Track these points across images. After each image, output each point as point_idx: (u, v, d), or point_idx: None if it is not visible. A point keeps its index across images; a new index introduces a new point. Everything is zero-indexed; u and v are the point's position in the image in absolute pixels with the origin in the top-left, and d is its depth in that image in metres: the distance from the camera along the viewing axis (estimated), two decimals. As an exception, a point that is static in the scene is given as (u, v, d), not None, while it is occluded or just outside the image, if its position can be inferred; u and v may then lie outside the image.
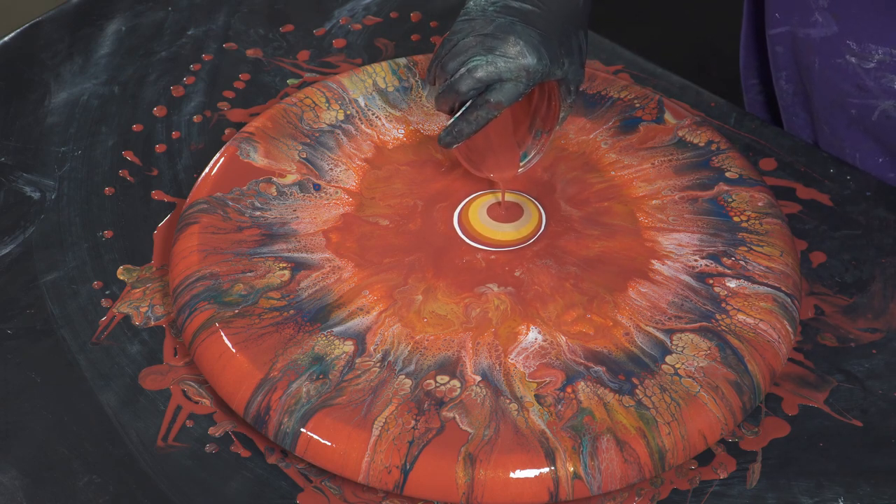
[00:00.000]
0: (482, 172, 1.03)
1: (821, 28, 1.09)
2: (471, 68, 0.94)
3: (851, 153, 1.16)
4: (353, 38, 1.22)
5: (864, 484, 0.90)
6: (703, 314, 0.96)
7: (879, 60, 1.07)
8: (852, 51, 1.07)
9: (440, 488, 0.87)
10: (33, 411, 0.93)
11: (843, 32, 1.08)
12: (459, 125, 0.96)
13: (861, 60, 1.07)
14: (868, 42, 1.06)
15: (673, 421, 0.90)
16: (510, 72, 0.94)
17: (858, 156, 1.16)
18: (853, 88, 1.10)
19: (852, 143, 1.15)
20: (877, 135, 1.13)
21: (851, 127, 1.14)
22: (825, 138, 1.18)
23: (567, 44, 0.97)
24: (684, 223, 1.03)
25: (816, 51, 1.12)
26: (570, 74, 0.97)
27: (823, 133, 1.17)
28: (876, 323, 1.00)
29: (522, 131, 1.03)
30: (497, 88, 0.94)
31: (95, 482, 0.89)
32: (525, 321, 0.96)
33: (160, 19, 1.24)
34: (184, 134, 1.13)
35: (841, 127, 1.15)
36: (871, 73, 1.07)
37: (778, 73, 1.20)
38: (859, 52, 1.06)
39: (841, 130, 1.15)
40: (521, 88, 0.94)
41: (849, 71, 1.10)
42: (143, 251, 1.04)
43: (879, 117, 1.11)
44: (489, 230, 1.02)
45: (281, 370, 0.92)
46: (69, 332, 0.98)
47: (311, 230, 1.02)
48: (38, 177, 1.09)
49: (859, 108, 1.12)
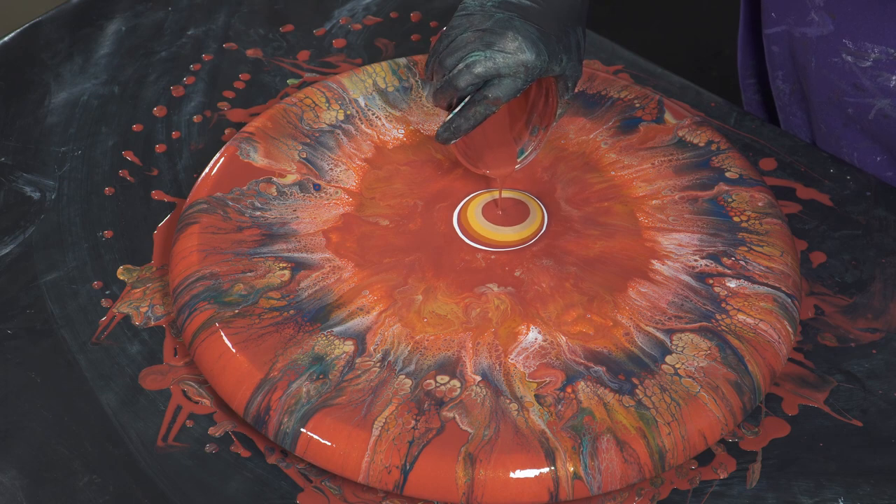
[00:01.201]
0: (479, 169, 1.03)
1: (817, 27, 1.09)
2: (469, 64, 0.94)
3: (849, 152, 1.16)
4: (353, 38, 1.22)
5: (864, 484, 0.90)
6: (703, 314, 0.96)
7: (875, 59, 1.07)
8: (848, 49, 1.07)
9: (440, 488, 0.87)
10: (33, 411, 0.93)
11: (839, 31, 1.08)
12: (457, 121, 0.96)
13: (857, 59, 1.07)
14: (864, 41, 1.06)
15: (673, 421, 0.90)
16: (508, 67, 0.94)
17: (856, 154, 1.16)
18: (850, 87, 1.10)
19: (849, 142, 1.15)
20: (874, 133, 1.13)
21: (848, 126, 1.14)
22: (822, 137, 1.18)
23: (565, 40, 0.97)
24: (684, 223, 1.03)
25: (813, 50, 1.12)
26: (567, 71, 0.97)
27: (821, 132, 1.17)
28: (876, 323, 1.00)
29: (519, 127, 1.03)
30: (495, 84, 0.94)
31: (95, 482, 0.89)
32: (525, 321, 0.96)
33: (160, 19, 1.24)
34: (184, 134, 1.13)
35: (838, 126, 1.15)
36: (867, 71, 1.07)
37: (774, 73, 1.20)
38: (855, 50, 1.06)
39: (838, 129, 1.15)
40: (520, 84, 0.94)
41: (845, 70, 1.10)
42: (143, 251, 1.04)
43: (876, 116, 1.11)
44: (489, 231, 1.02)
45: (281, 370, 0.92)
46: (69, 332, 0.98)
47: (311, 230, 1.02)
48: (38, 177, 1.09)
49: (856, 106, 1.12)
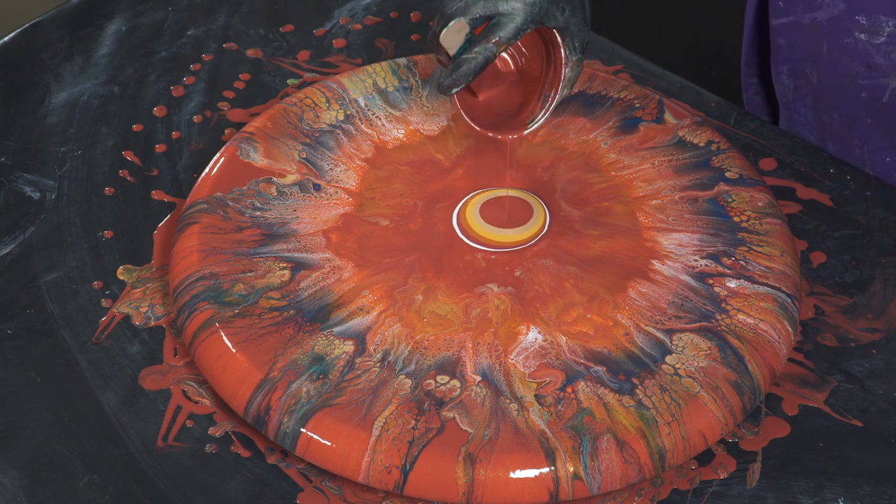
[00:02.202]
0: (486, 131, 1.00)
1: (827, 9, 1.08)
2: (468, 2, 0.94)
3: (860, 144, 1.15)
4: (353, 38, 1.22)
5: (864, 484, 0.90)
6: (703, 314, 0.96)
7: (890, 34, 1.06)
8: (862, 27, 1.07)
9: (440, 488, 0.87)
10: (33, 411, 0.93)
11: (851, 8, 1.08)
12: (459, 64, 0.94)
13: (871, 36, 1.06)
14: (878, 14, 1.06)
15: (673, 421, 0.90)
16: (508, 4, 0.94)
17: (867, 149, 1.15)
18: (863, 68, 1.09)
19: (861, 134, 1.14)
20: (888, 124, 1.12)
21: (861, 115, 1.13)
22: (831, 131, 1.17)
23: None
24: (684, 223, 1.03)
25: (824, 34, 1.11)
26: (572, 26, 0.97)
27: (830, 126, 1.17)
28: (876, 323, 1.00)
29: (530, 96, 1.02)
30: (496, 24, 0.94)
31: (95, 482, 0.89)
32: (525, 321, 0.96)
33: (160, 19, 1.24)
34: (184, 134, 1.13)
35: (849, 117, 1.14)
36: (881, 48, 1.07)
37: (779, 68, 1.19)
38: (869, 26, 1.06)
39: (849, 121, 1.14)
40: (520, 23, 0.94)
41: (858, 49, 1.09)
42: (143, 251, 1.04)
43: (891, 98, 1.10)
44: (489, 232, 1.02)
45: (281, 370, 0.92)
46: (69, 332, 0.98)
47: (311, 230, 1.02)
48: (38, 177, 1.09)
49: (869, 89, 1.11)
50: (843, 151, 1.17)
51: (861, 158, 1.16)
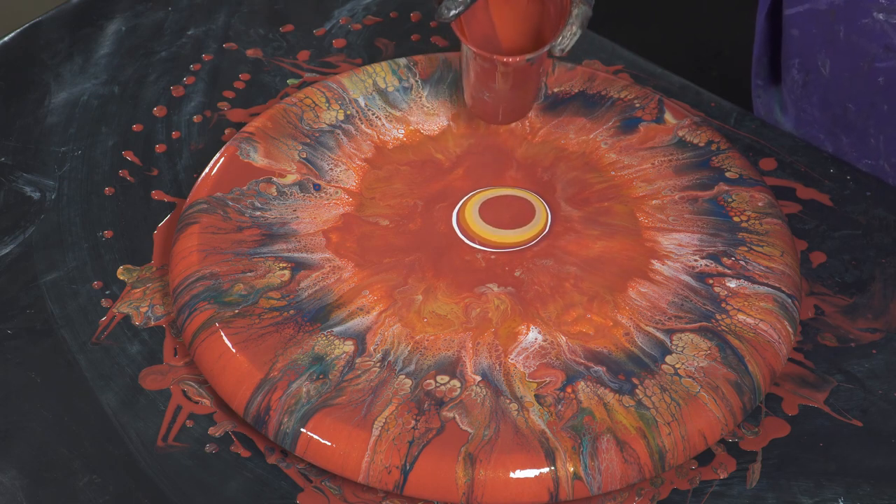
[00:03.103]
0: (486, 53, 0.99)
1: None
2: None
3: (875, 134, 1.14)
4: (353, 38, 1.22)
5: (864, 484, 0.90)
6: (703, 314, 0.96)
7: None
8: (880, 5, 1.06)
9: (440, 488, 0.87)
10: (33, 411, 0.93)
11: None
12: None
13: (889, 15, 1.05)
14: None
15: (673, 421, 0.90)
16: None
17: (883, 138, 1.14)
18: (881, 50, 1.09)
19: (877, 123, 1.13)
20: None
21: (878, 101, 1.12)
22: (847, 122, 1.15)
23: None
24: (684, 223, 1.03)
25: (841, 17, 1.10)
26: None
27: (845, 117, 1.15)
28: (876, 323, 1.00)
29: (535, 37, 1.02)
30: None
31: (95, 482, 0.89)
32: (525, 321, 0.96)
33: (160, 19, 1.24)
34: (184, 134, 1.13)
35: (865, 105, 1.13)
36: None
37: (790, 62, 1.18)
38: (888, 4, 1.05)
39: (865, 109, 1.13)
40: None
41: (876, 30, 1.09)
42: (143, 251, 1.04)
43: None
44: (489, 231, 1.02)
45: (281, 370, 0.92)
46: (69, 332, 0.98)
47: (311, 230, 1.02)
48: (38, 177, 1.09)
49: (887, 72, 1.10)
50: (857, 144, 1.16)
51: (876, 149, 1.15)
